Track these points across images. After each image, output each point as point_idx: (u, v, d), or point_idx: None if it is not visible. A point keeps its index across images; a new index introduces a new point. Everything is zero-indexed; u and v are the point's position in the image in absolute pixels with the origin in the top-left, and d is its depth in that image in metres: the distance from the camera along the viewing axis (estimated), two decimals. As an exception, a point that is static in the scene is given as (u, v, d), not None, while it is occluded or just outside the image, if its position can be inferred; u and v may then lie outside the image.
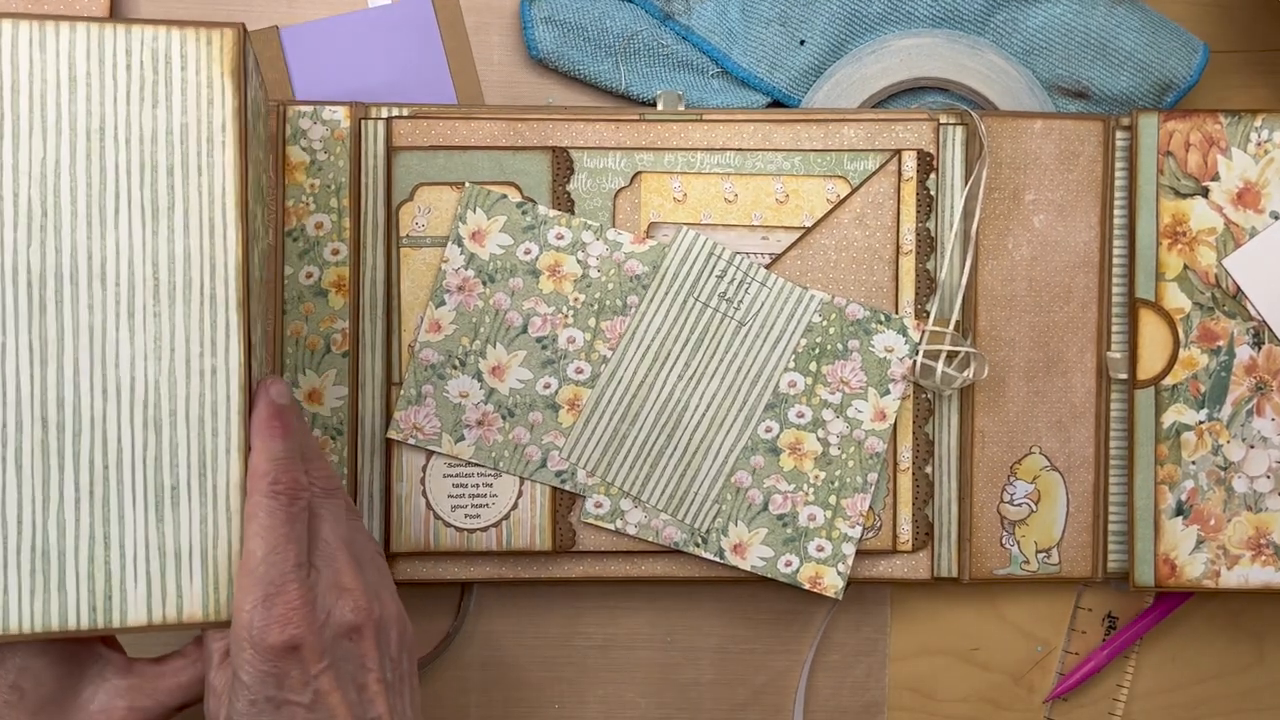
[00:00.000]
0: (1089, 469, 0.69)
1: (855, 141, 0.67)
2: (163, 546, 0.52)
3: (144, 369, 0.52)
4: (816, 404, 0.66)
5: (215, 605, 0.52)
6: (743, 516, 0.66)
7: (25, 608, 0.52)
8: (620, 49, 0.69)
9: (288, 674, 0.50)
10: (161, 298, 0.52)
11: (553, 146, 0.66)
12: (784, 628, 0.70)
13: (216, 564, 0.52)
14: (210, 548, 0.52)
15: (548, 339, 0.66)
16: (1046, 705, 0.71)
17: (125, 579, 0.52)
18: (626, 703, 0.69)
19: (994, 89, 0.69)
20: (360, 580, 0.52)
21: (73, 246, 0.51)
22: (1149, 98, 0.69)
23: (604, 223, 0.66)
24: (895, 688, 0.70)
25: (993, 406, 0.68)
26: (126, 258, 0.51)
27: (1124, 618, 0.71)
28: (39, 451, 0.51)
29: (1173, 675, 0.71)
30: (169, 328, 0.52)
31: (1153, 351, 0.67)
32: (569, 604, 0.69)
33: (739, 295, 0.66)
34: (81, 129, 0.51)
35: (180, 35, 0.51)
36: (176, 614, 0.52)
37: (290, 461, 0.52)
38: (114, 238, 0.51)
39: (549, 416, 0.66)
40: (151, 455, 0.52)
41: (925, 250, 0.67)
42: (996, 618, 0.70)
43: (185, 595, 0.52)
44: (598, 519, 0.66)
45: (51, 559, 0.52)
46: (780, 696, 0.70)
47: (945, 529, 0.68)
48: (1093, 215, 0.68)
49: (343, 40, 0.68)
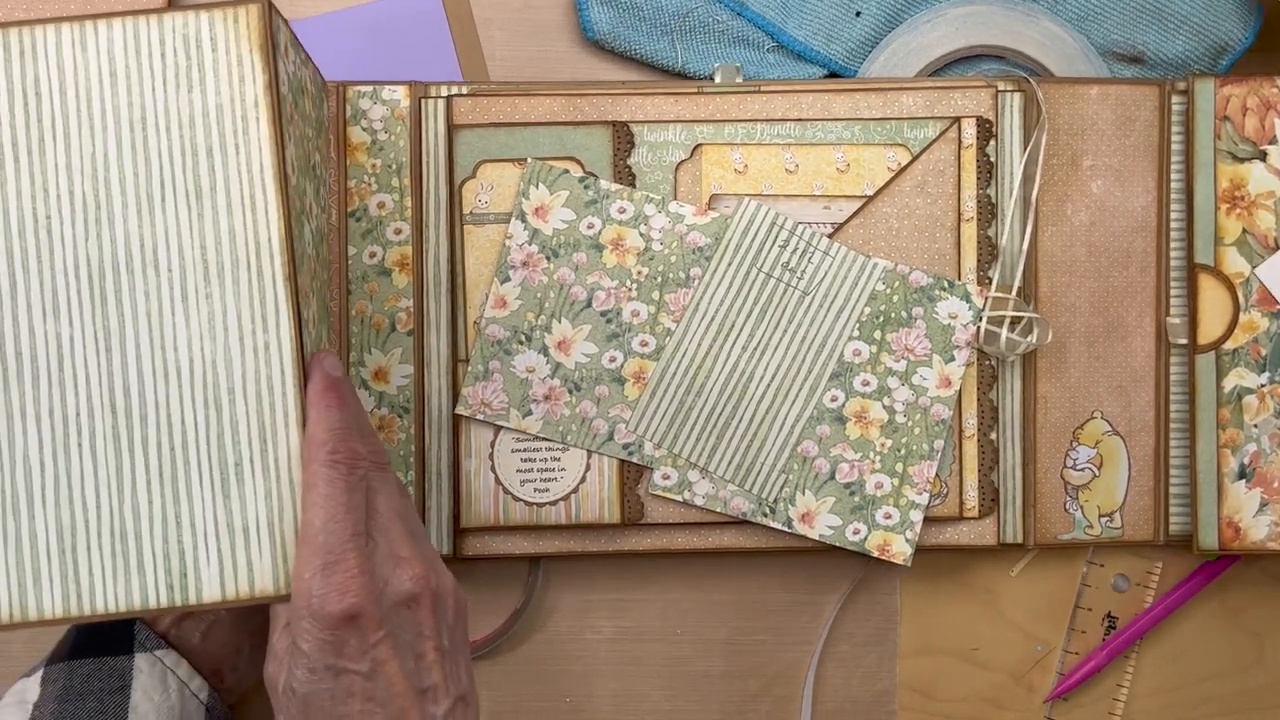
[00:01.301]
0: (1150, 433, 0.69)
1: (914, 109, 0.67)
2: (231, 523, 0.52)
3: (200, 349, 0.52)
4: (881, 372, 0.67)
5: (285, 578, 0.52)
6: (810, 485, 0.66)
7: (109, 589, 0.52)
8: (675, 27, 0.69)
9: (346, 642, 0.50)
10: (212, 279, 0.52)
11: (613, 121, 0.66)
12: (794, 619, 0.70)
13: (284, 537, 0.52)
14: (276, 521, 0.52)
15: (612, 313, 0.66)
16: (1046, 705, 0.71)
17: (198, 557, 0.52)
18: (638, 695, 0.70)
19: (1049, 55, 0.69)
20: (417, 550, 0.53)
21: (125, 236, 0.52)
22: (1204, 61, 0.70)
23: (665, 196, 0.66)
24: (895, 687, 0.71)
25: (1054, 372, 0.68)
26: (176, 242, 0.52)
27: (1124, 618, 0.71)
28: (110, 437, 0.52)
29: (1173, 675, 0.71)
30: (221, 307, 0.52)
31: (1212, 316, 0.68)
32: (579, 597, 0.69)
33: (802, 265, 0.66)
34: (125, 121, 0.52)
35: (209, 17, 0.52)
36: (249, 589, 0.52)
37: (347, 431, 0.52)
38: (163, 223, 0.52)
39: (615, 390, 0.66)
40: (214, 433, 0.52)
41: (986, 217, 0.67)
42: (996, 617, 0.70)
43: (256, 570, 0.52)
44: (665, 491, 0.66)
45: (129, 541, 0.52)
46: (791, 687, 0.70)
47: (1010, 495, 0.68)
48: (1150, 180, 0.69)
49: (351, 33, 0.68)
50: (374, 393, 0.66)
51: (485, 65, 0.69)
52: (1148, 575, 0.71)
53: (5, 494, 0.52)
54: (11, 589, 0.52)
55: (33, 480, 0.52)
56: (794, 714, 0.70)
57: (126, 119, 0.52)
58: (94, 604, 0.52)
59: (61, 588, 0.52)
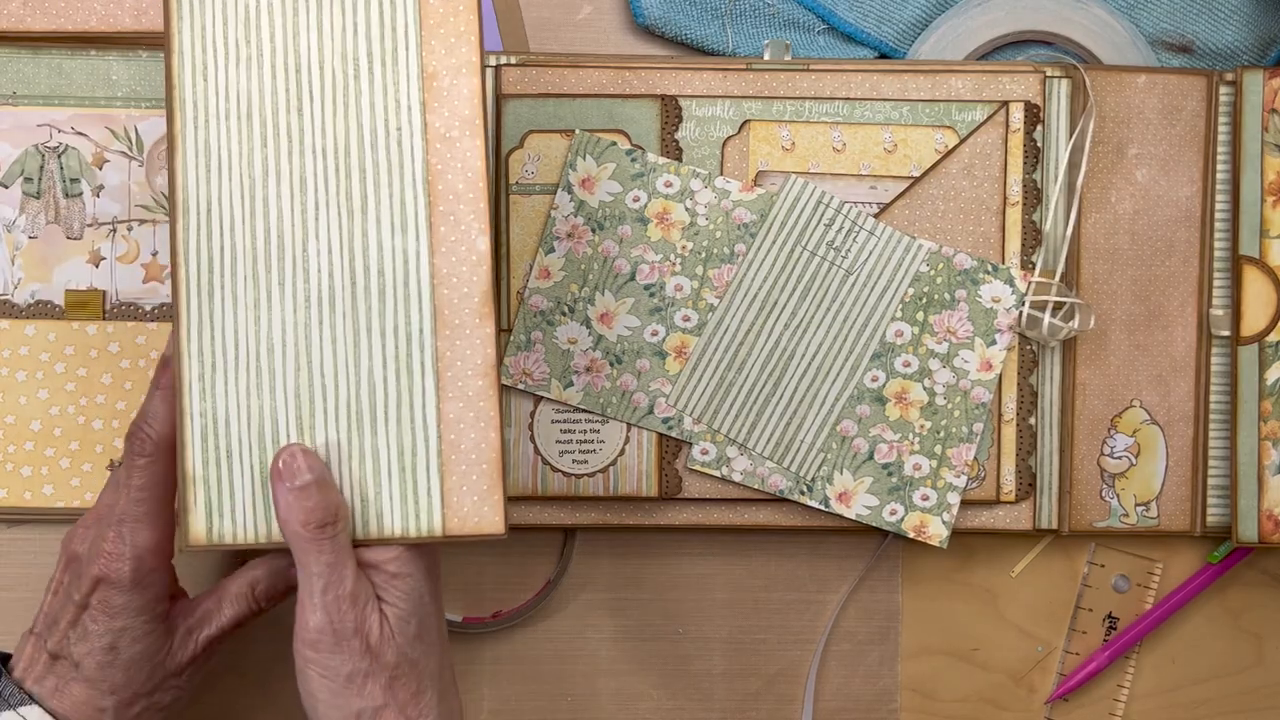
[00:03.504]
0: (1189, 423, 0.69)
1: (963, 92, 0.67)
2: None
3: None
4: (923, 353, 0.67)
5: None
6: (848, 465, 0.66)
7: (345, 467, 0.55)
8: (726, 10, 0.69)
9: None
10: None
11: (661, 95, 0.66)
12: (795, 617, 0.70)
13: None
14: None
15: (655, 286, 0.66)
16: (1047, 706, 0.71)
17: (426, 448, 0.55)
18: (639, 694, 0.70)
19: (1098, 43, 0.69)
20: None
21: (371, 113, 0.55)
22: (1253, 52, 0.69)
23: (712, 171, 0.66)
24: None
25: (1094, 359, 0.68)
26: (415, 118, 0.55)
27: (1124, 618, 0.70)
28: (349, 317, 0.55)
29: (1173, 676, 0.71)
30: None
31: (1256, 308, 0.68)
32: (577, 595, 0.69)
33: (847, 244, 0.66)
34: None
35: None
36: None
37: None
38: (406, 101, 0.55)
39: (656, 364, 0.66)
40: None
41: (1031, 202, 0.67)
42: (997, 618, 0.70)
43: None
44: (704, 466, 0.66)
45: (364, 422, 0.55)
46: (792, 686, 0.70)
47: (1047, 480, 0.68)
48: (1195, 170, 0.68)
49: None
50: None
51: (526, 37, 0.69)
52: (1148, 576, 0.70)
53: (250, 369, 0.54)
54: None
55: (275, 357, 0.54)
56: (795, 713, 0.70)
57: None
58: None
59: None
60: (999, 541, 0.70)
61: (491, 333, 0.54)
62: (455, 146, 0.55)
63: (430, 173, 0.54)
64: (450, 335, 0.54)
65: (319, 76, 0.54)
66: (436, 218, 0.55)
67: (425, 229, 0.54)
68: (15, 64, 0.66)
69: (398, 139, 0.54)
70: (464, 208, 0.55)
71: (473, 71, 0.54)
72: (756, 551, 0.70)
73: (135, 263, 0.67)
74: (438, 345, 0.54)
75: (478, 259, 0.54)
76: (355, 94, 0.54)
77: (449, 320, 0.54)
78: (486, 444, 0.54)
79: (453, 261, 0.54)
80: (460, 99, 0.55)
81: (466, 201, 0.55)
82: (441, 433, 0.54)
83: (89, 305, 0.66)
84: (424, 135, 0.54)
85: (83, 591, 0.56)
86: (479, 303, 0.54)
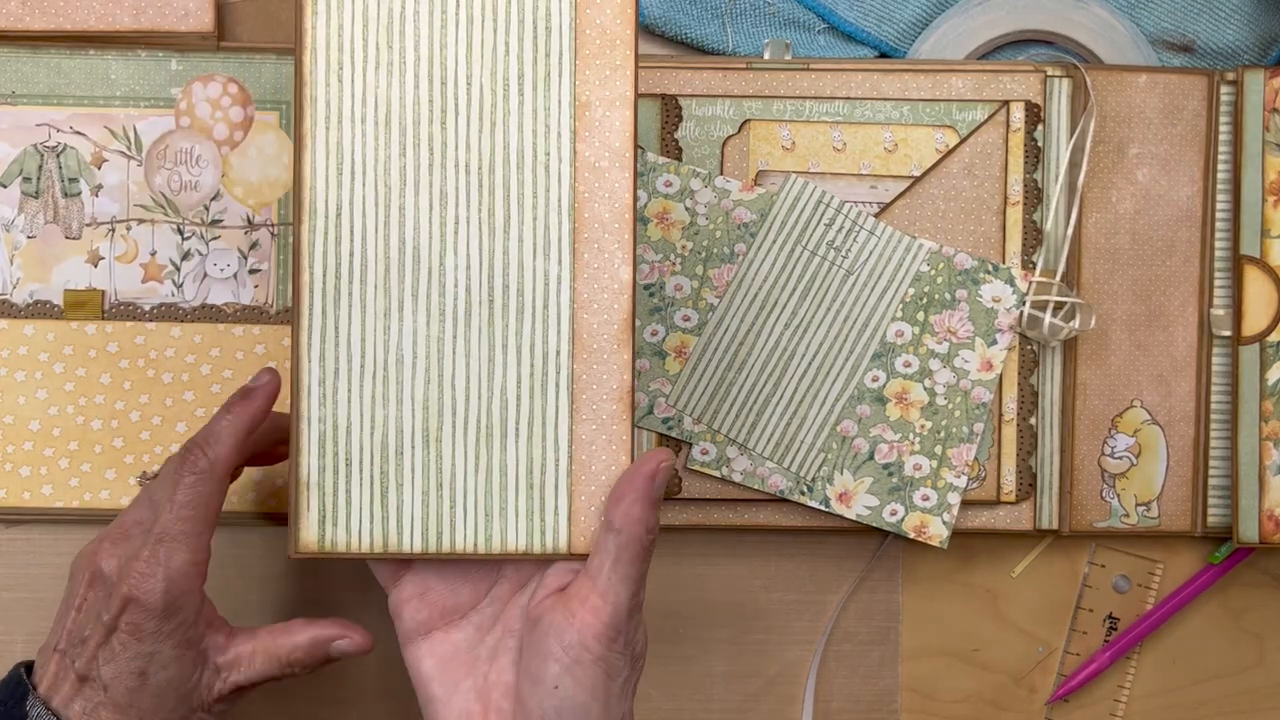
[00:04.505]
0: (1189, 423, 0.69)
1: (963, 92, 0.67)
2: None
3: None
4: (924, 353, 0.66)
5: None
6: (848, 465, 0.66)
7: (470, 486, 0.55)
8: (726, 9, 0.69)
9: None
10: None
11: (661, 94, 0.66)
12: (796, 618, 0.70)
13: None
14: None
15: (655, 286, 0.66)
16: (1047, 706, 0.71)
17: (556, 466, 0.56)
18: (639, 694, 0.69)
19: (1099, 42, 0.69)
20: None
21: (520, 131, 0.55)
22: (1254, 51, 0.69)
23: (712, 170, 0.66)
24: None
25: (1095, 359, 0.68)
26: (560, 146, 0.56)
27: (1125, 618, 0.70)
28: (485, 331, 0.55)
29: (1174, 676, 0.71)
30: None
31: (1257, 308, 0.67)
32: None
33: (847, 244, 0.66)
34: (528, 13, 0.55)
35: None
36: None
37: None
38: (556, 127, 0.56)
39: (656, 363, 0.66)
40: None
41: (1032, 201, 0.67)
42: (997, 618, 0.70)
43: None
44: (704, 466, 0.66)
45: (494, 438, 0.55)
46: (792, 686, 0.70)
47: (1047, 480, 0.68)
48: (1196, 170, 0.68)
49: None
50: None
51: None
52: (1149, 576, 0.70)
53: (377, 382, 0.54)
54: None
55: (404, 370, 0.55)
56: (795, 713, 0.70)
57: (530, 12, 0.54)
58: (454, 504, 0.55)
59: (422, 482, 0.55)
60: (999, 542, 0.70)
61: (629, 360, 0.55)
62: (604, 177, 0.55)
63: (577, 200, 0.55)
64: (587, 359, 0.55)
65: (465, 91, 0.54)
66: (581, 244, 0.55)
67: (569, 254, 0.55)
68: (14, 63, 0.66)
69: (545, 164, 0.55)
70: (609, 237, 0.55)
71: (626, 105, 0.55)
72: (756, 552, 0.69)
73: (134, 262, 0.67)
74: (574, 368, 0.55)
75: (619, 288, 0.55)
76: (504, 113, 0.54)
77: (587, 344, 0.55)
78: (617, 466, 0.55)
79: (595, 288, 0.55)
80: (612, 131, 0.55)
81: (612, 231, 0.55)
82: (573, 453, 0.55)
83: (88, 305, 0.66)
84: (573, 163, 0.55)
85: (112, 612, 0.54)
86: (618, 330, 0.55)
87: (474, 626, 0.56)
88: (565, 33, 0.55)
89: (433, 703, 0.55)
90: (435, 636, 0.56)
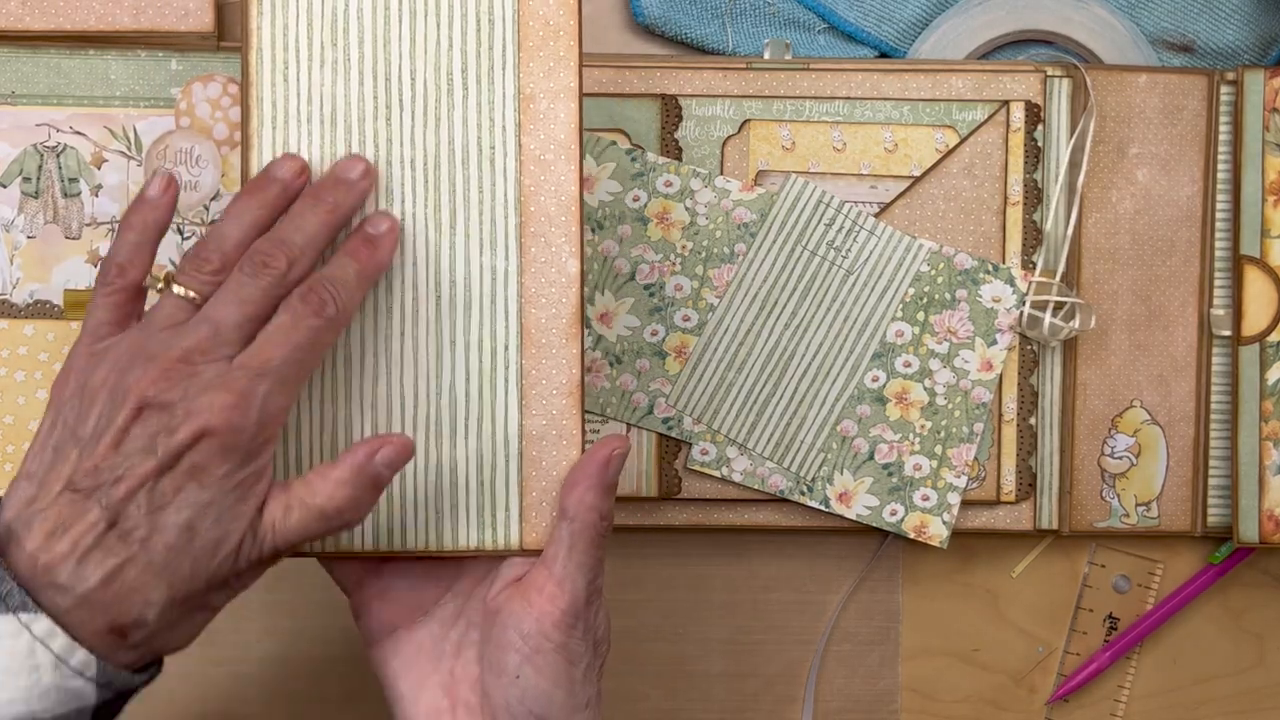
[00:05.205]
0: (1189, 423, 0.69)
1: (963, 92, 0.67)
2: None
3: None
4: (924, 354, 0.66)
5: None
6: (848, 465, 0.66)
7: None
8: (726, 9, 0.69)
9: None
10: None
11: (661, 94, 0.66)
12: (795, 618, 0.70)
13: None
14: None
15: (655, 286, 0.66)
16: (1047, 706, 0.71)
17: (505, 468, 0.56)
18: (638, 695, 0.70)
19: (1099, 42, 0.69)
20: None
21: (464, 126, 0.54)
22: (1254, 51, 0.69)
23: (712, 170, 0.66)
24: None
25: (1094, 359, 0.68)
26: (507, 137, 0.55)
27: (1125, 618, 0.70)
28: (433, 329, 0.55)
29: (1174, 676, 0.71)
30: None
31: (1257, 308, 0.67)
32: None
33: (847, 244, 0.66)
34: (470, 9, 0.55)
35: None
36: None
37: None
38: (500, 120, 0.55)
39: (656, 364, 0.66)
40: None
41: (1032, 201, 0.67)
42: (997, 618, 0.70)
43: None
44: (703, 466, 0.66)
45: (444, 434, 0.55)
46: (792, 687, 0.70)
47: (1047, 480, 0.68)
48: (1196, 170, 0.68)
49: None
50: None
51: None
52: (1149, 576, 0.70)
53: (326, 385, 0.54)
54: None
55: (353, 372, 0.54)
56: (795, 713, 0.70)
57: (474, 5, 0.54)
58: (405, 502, 0.54)
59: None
60: (999, 542, 0.70)
61: (578, 353, 0.55)
62: (550, 170, 0.55)
63: (523, 194, 0.55)
64: (536, 353, 0.55)
65: (410, 87, 0.54)
66: (527, 238, 0.55)
67: (515, 249, 0.55)
68: (14, 63, 0.66)
69: (490, 158, 0.54)
70: (555, 230, 0.55)
71: (571, 97, 0.54)
72: (756, 552, 0.69)
73: (134, 262, 0.67)
74: (523, 363, 0.55)
75: (567, 281, 0.55)
76: (448, 108, 0.54)
77: (535, 339, 0.55)
78: (567, 461, 0.55)
79: (542, 282, 0.55)
80: (557, 123, 0.55)
81: (558, 224, 0.55)
82: (524, 449, 0.55)
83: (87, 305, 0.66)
84: (518, 157, 0.54)
85: (173, 447, 0.46)
86: (567, 324, 0.55)
87: (438, 622, 0.56)
88: (508, 25, 0.54)
89: (400, 701, 0.55)
90: (399, 635, 0.55)
